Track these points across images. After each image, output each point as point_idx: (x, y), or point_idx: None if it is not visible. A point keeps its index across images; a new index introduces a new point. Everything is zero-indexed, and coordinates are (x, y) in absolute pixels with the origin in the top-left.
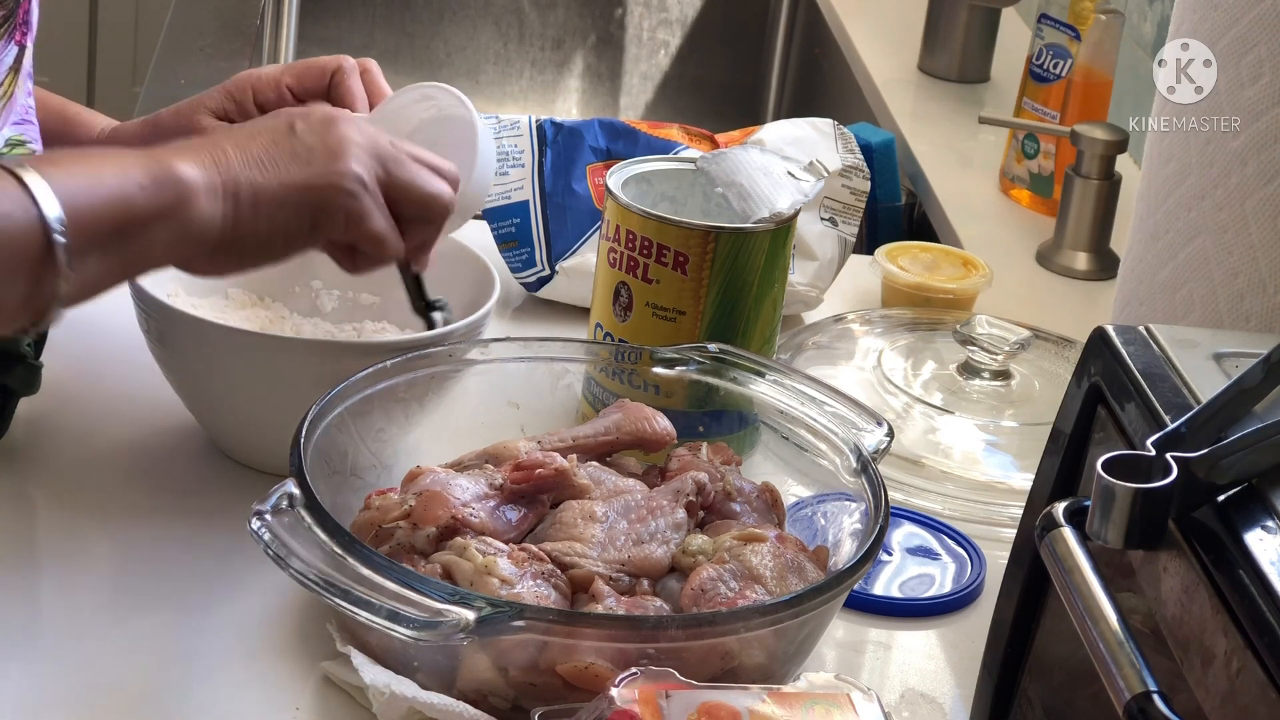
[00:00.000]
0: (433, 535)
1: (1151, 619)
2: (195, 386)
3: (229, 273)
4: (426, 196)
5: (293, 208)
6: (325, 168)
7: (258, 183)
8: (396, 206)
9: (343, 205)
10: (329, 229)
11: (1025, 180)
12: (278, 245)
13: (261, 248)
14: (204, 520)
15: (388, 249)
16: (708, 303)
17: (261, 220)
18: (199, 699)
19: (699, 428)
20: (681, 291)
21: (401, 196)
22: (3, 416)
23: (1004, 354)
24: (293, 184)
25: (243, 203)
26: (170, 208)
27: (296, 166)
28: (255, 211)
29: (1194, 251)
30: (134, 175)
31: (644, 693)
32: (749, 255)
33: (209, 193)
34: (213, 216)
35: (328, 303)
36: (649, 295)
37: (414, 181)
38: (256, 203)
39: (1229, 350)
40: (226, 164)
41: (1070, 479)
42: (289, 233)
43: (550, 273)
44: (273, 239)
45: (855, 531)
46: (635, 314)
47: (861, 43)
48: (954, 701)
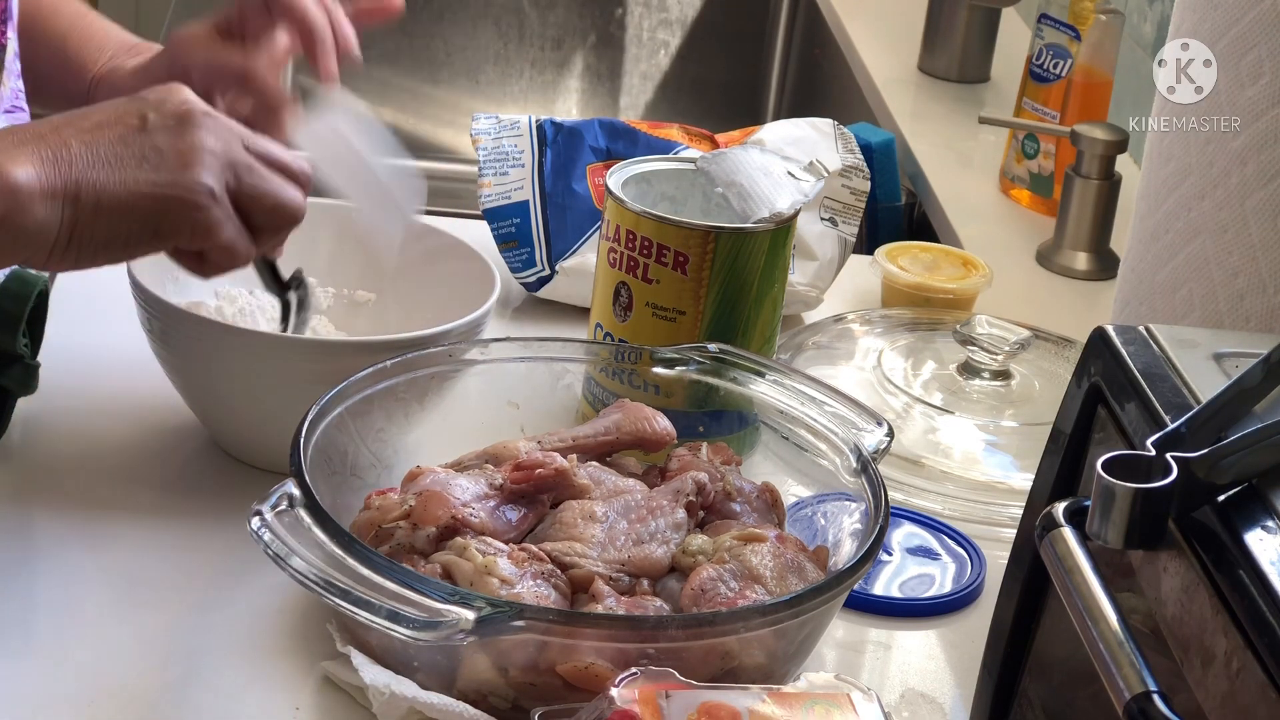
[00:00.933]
0: (433, 535)
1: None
2: (196, 385)
3: (66, 270)
4: (277, 204)
5: (138, 215)
6: (175, 176)
7: (101, 185)
8: (247, 215)
9: (190, 218)
10: (176, 238)
11: (1025, 180)
12: (119, 250)
13: (102, 251)
14: (204, 519)
15: (238, 259)
16: (708, 303)
17: (101, 225)
18: (199, 699)
19: (699, 428)
20: (682, 291)
21: (252, 205)
22: (1, 416)
23: (1004, 354)
24: (139, 191)
25: (84, 206)
26: (1, 217)
27: (145, 171)
28: (96, 216)
29: (1194, 251)
30: None
31: (644, 693)
32: (749, 255)
33: (45, 197)
34: (48, 221)
35: (323, 300)
36: (649, 295)
37: (265, 189)
38: (98, 207)
39: (1229, 350)
40: (69, 163)
41: (1070, 479)
42: (132, 239)
43: (550, 273)
44: (113, 243)
45: (855, 531)
46: (635, 314)
47: (861, 43)
48: (954, 701)
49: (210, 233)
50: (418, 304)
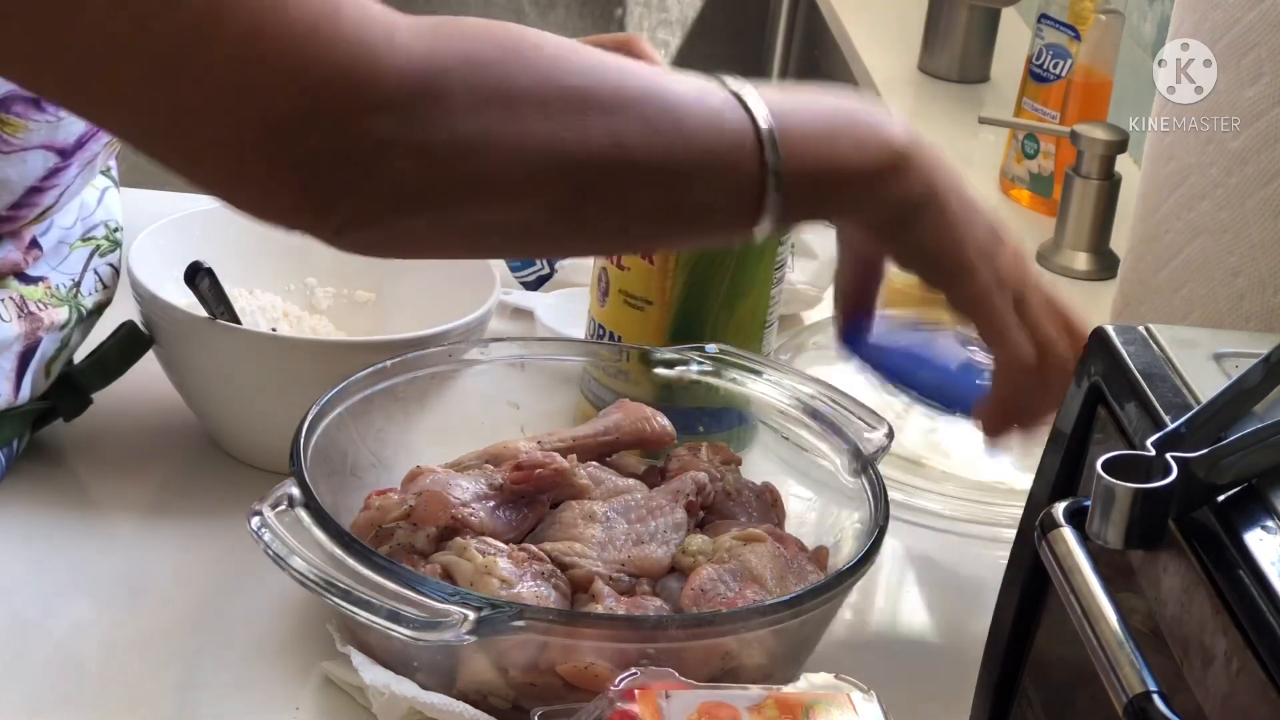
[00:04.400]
0: (433, 535)
1: (1151, 619)
2: (195, 384)
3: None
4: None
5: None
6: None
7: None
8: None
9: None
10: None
11: (1025, 180)
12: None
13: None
14: (204, 519)
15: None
16: (673, 295)
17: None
18: (199, 699)
19: (699, 428)
20: (649, 281)
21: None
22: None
23: None
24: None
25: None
26: (879, 172)
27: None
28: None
29: (1194, 251)
30: (856, 126)
31: (644, 693)
32: (715, 253)
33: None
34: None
35: (323, 300)
36: (622, 282)
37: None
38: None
39: (1229, 350)
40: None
41: (1070, 479)
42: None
43: (550, 271)
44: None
45: (855, 532)
46: (611, 301)
47: (861, 43)
48: (954, 701)
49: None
50: (418, 304)
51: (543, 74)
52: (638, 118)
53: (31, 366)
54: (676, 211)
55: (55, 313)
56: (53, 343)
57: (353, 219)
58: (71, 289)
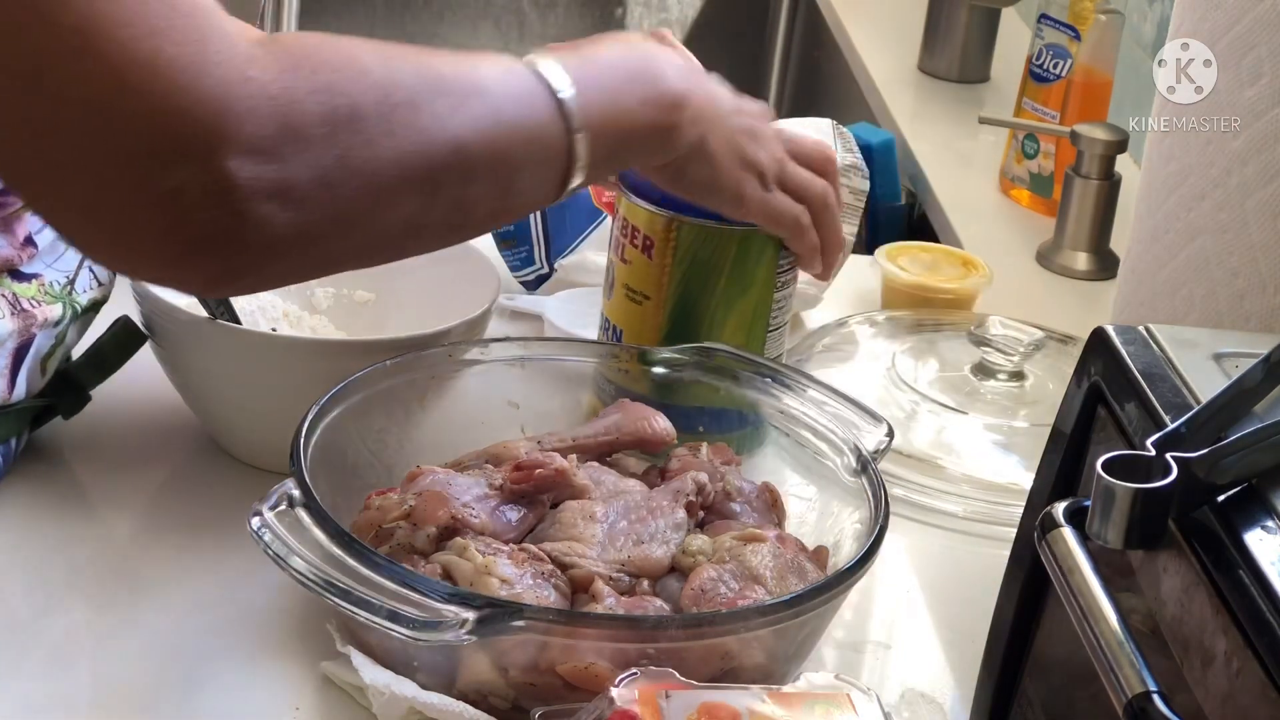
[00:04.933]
0: (433, 535)
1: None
2: (196, 384)
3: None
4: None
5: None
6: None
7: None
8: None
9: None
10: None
11: (1025, 180)
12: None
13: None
14: (204, 519)
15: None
16: (669, 291)
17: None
18: (199, 699)
19: (699, 428)
20: (647, 275)
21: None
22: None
23: (1019, 355)
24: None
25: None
26: (662, 125)
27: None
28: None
29: (1194, 251)
30: (634, 91)
31: (644, 693)
32: (712, 251)
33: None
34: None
35: (323, 300)
36: (624, 276)
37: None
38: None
39: (1229, 350)
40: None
41: (1070, 479)
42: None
43: (549, 271)
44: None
45: (855, 532)
46: (615, 294)
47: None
48: (954, 701)
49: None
50: (418, 304)
51: (380, 89)
52: (468, 117)
53: (26, 363)
54: (507, 193)
55: (49, 309)
56: (47, 339)
57: (225, 272)
58: (65, 286)
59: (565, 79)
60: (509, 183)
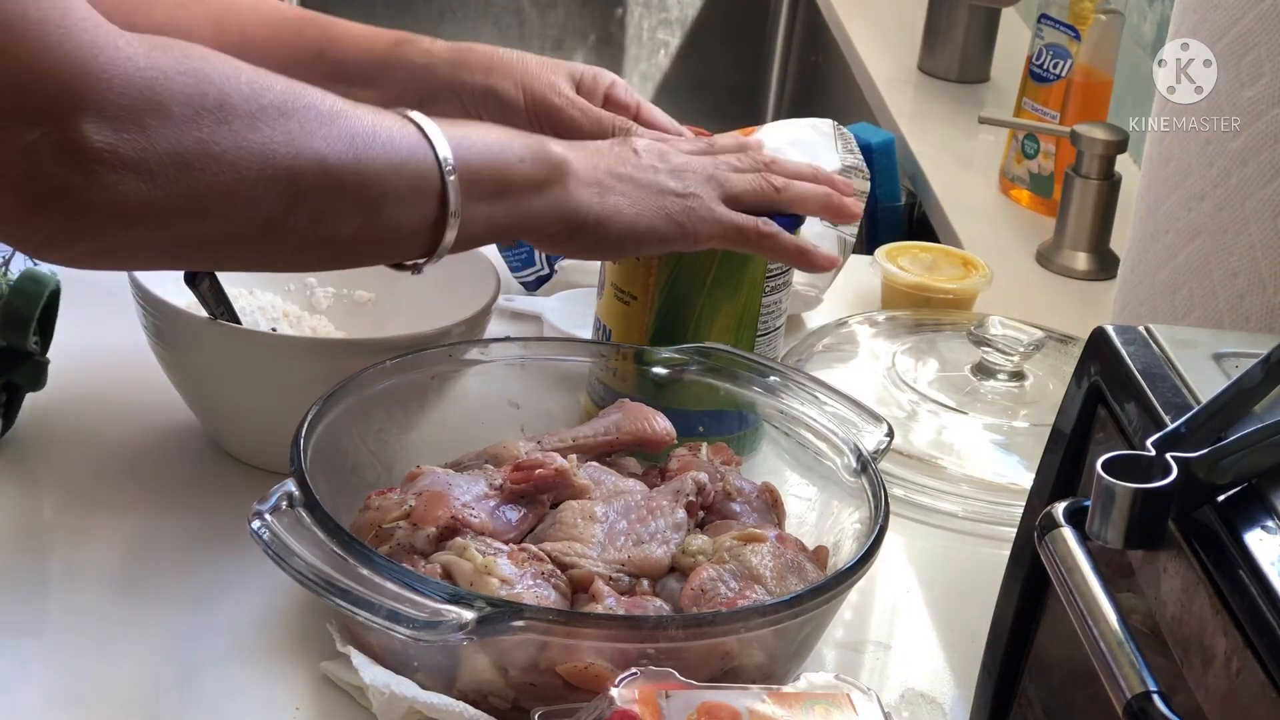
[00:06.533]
0: (433, 535)
1: (1151, 619)
2: (196, 385)
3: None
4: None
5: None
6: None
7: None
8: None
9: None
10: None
11: (1025, 180)
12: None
13: (614, 248)
14: (204, 519)
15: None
16: (655, 292)
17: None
18: (199, 699)
19: (699, 428)
20: (634, 275)
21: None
22: (9, 412)
23: (1020, 355)
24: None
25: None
26: (545, 181)
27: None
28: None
29: (1194, 252)
30: (515, 148)
31: (644, 693)
32: (696, 255)
33: (584, 184)
34: (586, 204)
35: (323, 300)
36: (613, 275)
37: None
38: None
39: (1229, 350)
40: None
41: (1070, 479)
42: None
43: (549, 271)
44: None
45: (855, 532)
46: (605, 295)
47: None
48: (954, 701)
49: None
50: (418, 304)
51: (251, 88)
52: (338, 134)
53: None
54: (370, 225)
55: None
56: None
57: (66, 231)
58: (0, 266)
59: (433, 124)
60: (376, 207)
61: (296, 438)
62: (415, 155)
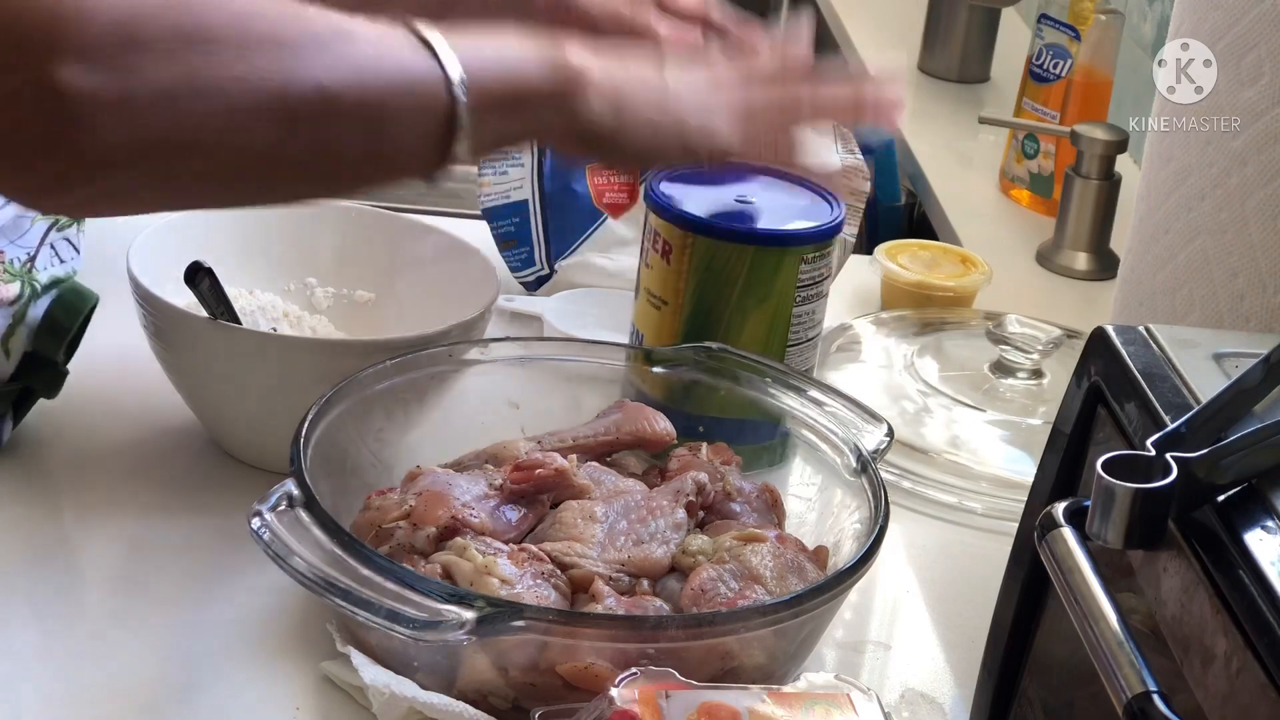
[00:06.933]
0: (433, 535)
1: (1151, 619)
2: (196, 385)
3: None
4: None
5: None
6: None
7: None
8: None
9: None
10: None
11: (1025, 180)
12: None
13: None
14: (204, 519)
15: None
16: (685, 297)
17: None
18: (199, 699)
19: (699, 428)
20: (665, 280)
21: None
22: (19, 414)
23: (1039, 352)
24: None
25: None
26: (560, 94)
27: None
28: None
29: (1194, 252)
30: (530, 59)
31: (644, 693)
32: (725, 264)
33: (598, 95)
34: (601, 115)
35: (323, 300)
36: (646, 280)
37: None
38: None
39: (1229, 350)
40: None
41: (1070, 479)
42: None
43: (549, 272)
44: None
45: (855, 532)
46: (640, 300)
47: (861, 43)
48: (954, 701)
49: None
50: (418, 304)
51: (237, 16)
52: (338, 59)
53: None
54: (376, 149)
55: (7, 288)
56: (4, 319)
57: (57, 179)
58: (26, 263)
59: (443, 41)
60: (379, 130)
61: (296, 438)
62: (425, 77)
